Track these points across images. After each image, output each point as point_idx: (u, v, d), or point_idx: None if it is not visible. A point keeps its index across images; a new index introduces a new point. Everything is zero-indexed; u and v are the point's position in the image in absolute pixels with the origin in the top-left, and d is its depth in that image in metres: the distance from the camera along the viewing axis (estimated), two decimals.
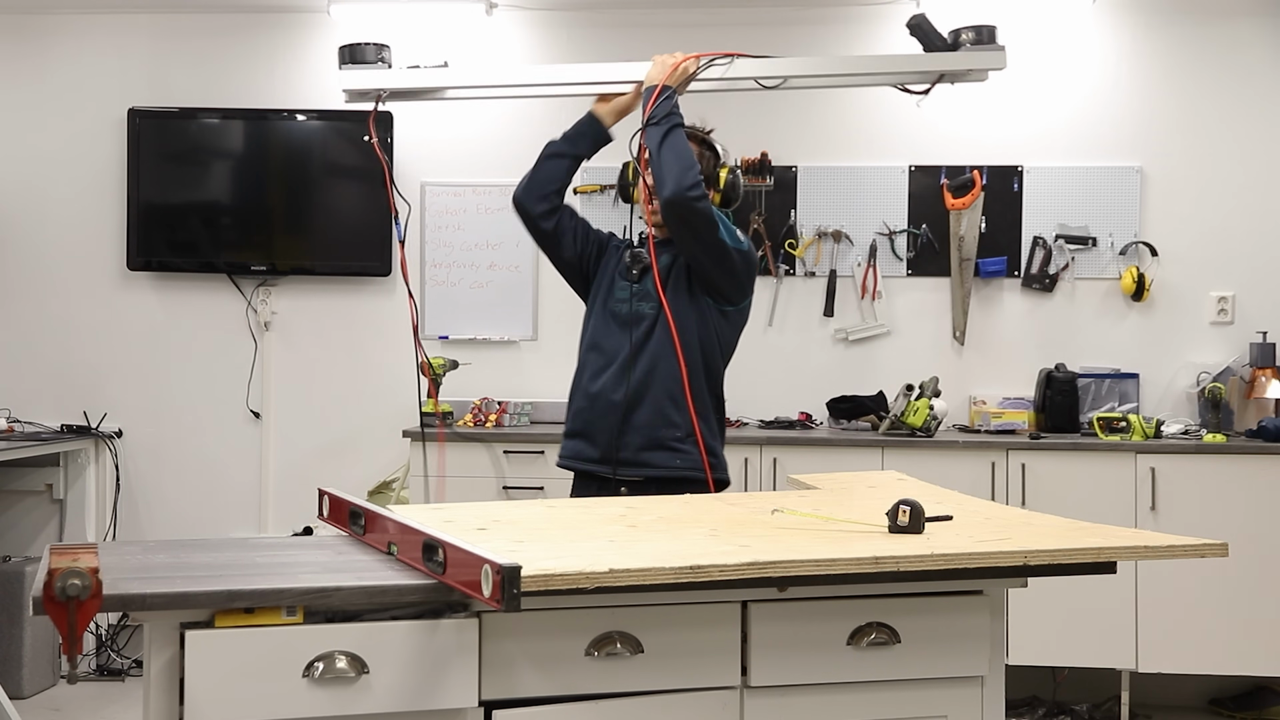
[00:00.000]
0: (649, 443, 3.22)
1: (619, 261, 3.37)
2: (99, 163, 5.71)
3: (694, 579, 2.03)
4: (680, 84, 3.21)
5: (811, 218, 5.48)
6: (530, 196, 3.38)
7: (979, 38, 3.21)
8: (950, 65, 3.21)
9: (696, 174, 3.13)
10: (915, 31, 3.23)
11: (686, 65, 3.21)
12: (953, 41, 3.22)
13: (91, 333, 5.74)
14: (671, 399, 3.22)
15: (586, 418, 3.29)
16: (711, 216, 3.16)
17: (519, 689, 2.11)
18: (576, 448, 3.34)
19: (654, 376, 3.22)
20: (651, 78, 3.23)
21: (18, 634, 5.10)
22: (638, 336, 3.25)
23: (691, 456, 3.23)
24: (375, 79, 3.27)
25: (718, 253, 3.20)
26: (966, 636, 2.32)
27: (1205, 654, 4.82)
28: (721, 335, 3.31)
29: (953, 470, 4.77)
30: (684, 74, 3.21)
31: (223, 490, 5.70)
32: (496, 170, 5.55)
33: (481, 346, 5.60)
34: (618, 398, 3.24)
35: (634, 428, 3.23)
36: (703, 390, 3.26)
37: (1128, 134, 5.42)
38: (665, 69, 3.21)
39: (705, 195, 3.14)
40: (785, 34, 5.46)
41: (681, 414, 3.22)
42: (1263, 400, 5.12)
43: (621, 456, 3.23)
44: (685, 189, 3.10)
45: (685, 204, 3.11)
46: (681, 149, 3.13)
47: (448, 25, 5.61)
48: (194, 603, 1.98)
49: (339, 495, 2.62)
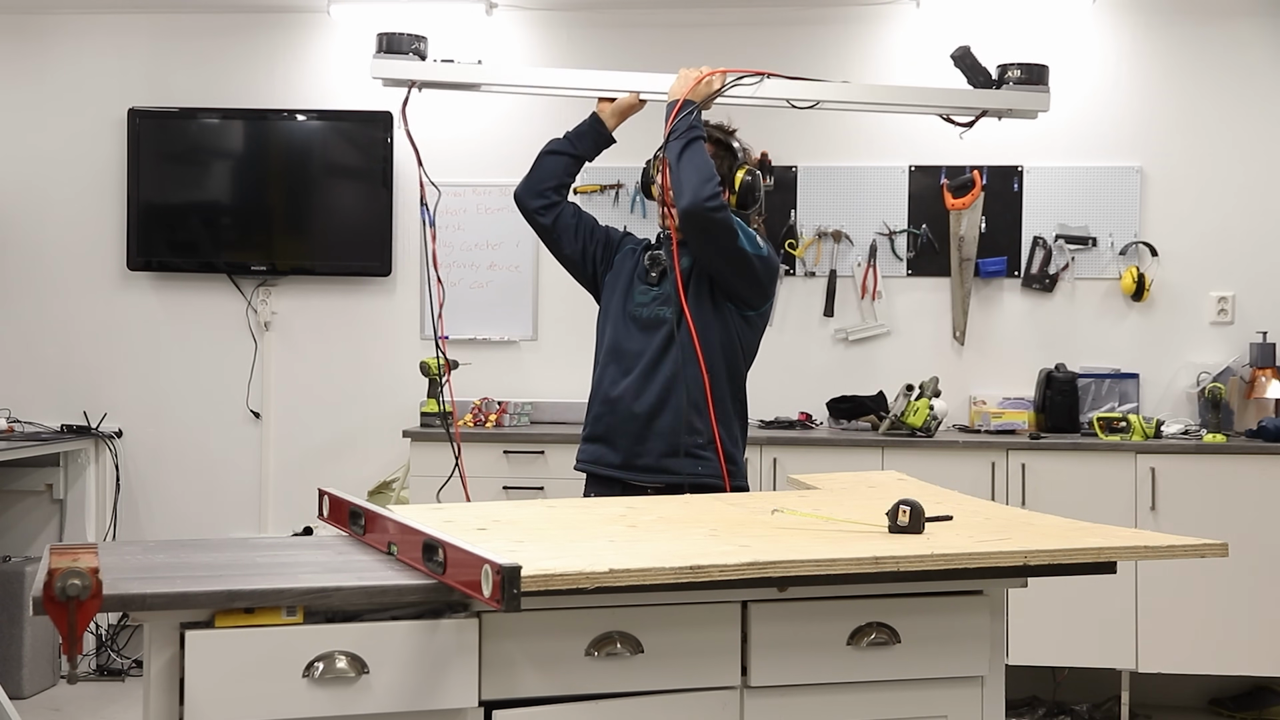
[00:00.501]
0: (671, 449, 3.19)
1: (637, 263, 3.33)
2: (99, 163, 5.71)
3: (694, 579, 2.03)
4: (704, 99, 3.18)
5: (811, 218, 5.48)
6: (528, 192, 3.39)
7: (1027, 76, 3.11)
8: (992, 103, 3.12)
9: (715, 185, 3.09)
10: (959, 64, 3.13)
11: (711, 80, 3.18)
12: (999, 76, 3.14)
13: (92, 333, 5.74)
14: (694, 405, 3.18)
15: (608, 423, 3.25)
16: (731, 225, 3.13)
17: (519, 689, 2.11)
18: (597, 452, 3.30)
19: (676, 382, 3.18)
20: (674, 91, 3.19)
21: (18, 634, 5.10)
22: (659, 341, 3.23)
23: (713, 464, 3.21)
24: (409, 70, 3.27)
25: (739, 261, 3.17)
26: (966, 636, 2.32)
27: (1205, 654, 4.82)
28: (744, 339, 3.28)
29: (953, 470, 4.77)
30: (708, 89, 3.18)
31: (223, 490, 5.70)
32: (497, 170, 5.55)
33: (481, 346, 5.60)
34: (640, 404, 3.21)
35: (656, 434, 3.20)
36: (725, 396, 3.23)
37: (1128, 134, 5.42)
38: (688, 83, 3.18)
39: (724, 206, 3.11)
40: (785, 34, 5.46)
41: (704, 420, 3.18)
42: (1263, 400, 5.12)
43: (643, 463, 3.21)
44: (703, 200, 3.07)
45: (703, 215, 3.08)
46: (700, 161, 3.10)
47: (448, 25, 5.60)
48: (194, 603, 1.98)
49: (339, 495, 2.62)
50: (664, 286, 3.25)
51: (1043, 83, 3.12)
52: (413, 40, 3.29)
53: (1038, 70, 3.13)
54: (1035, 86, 3.11)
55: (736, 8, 5.48)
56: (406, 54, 3.28)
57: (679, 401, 3.18)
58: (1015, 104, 3.13)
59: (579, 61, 5.53)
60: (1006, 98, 3.12)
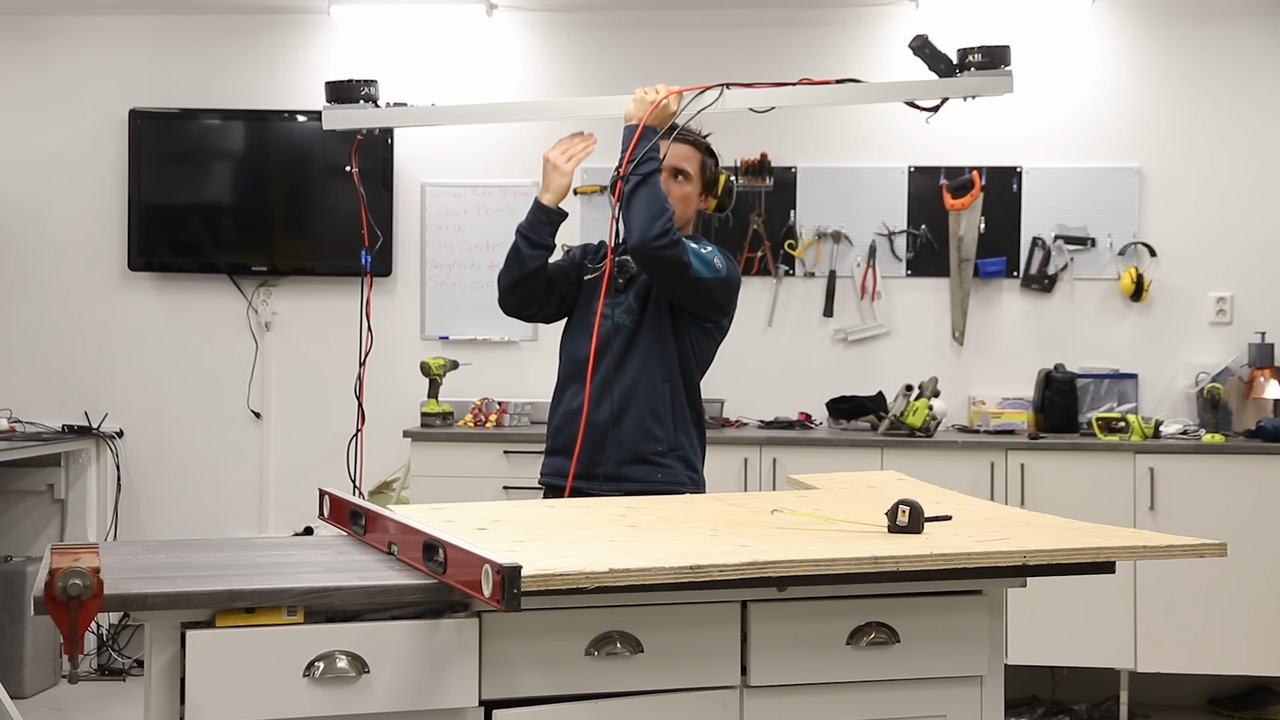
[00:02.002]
0: (631, 457, 3.18)
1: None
2: (100, 163, 5.72)
3: (694, 579, 2.03)
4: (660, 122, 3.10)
5: (811, 218, 5.49)
6: (514, 304, 3.32)
7: (988, 60, 3.09)
8: (954, 91, 3.10)
9: (664, 222, 3.04)
10: (919, 52, 3.13)
11: (667, 103, 3.08)
12: (960, 60, 3.13)
13: (92, 333, 5.74)
14: (654, 413, 3.19)
15: (568, 434, 3.22)
16: (681, 259, 3.08)
17: (519, 689, 2.12)
18: (558, 464, 3.25)
19: (636, 391, 3.18)
20: (630, 115, 3.11)
21: (19, 634, 5.11)
22: (621, 350, 3.21)
23: (672, 470, 3.20)
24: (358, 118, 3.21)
25: (692, 289, 3.15)
26: (965, 636, 2.32)
27: (1204, 653, 4.82)
28: (699, 349, 3.27)
29: (952, 470, 4.77)
30: (664, 111, 3.09)
31: (223, 490, 5.71)
32: (496, 170, 5.56)
33: (482, 347, 5.60)
34: (599, 413, 3.19)
35: (616, 443, 3.18)
36: (683, 404, 3.24)
37: (1127, 135, 5.42)
38: (644, 106, 3.08)
39: (674, 242, 3.05)
40: (785, 35, 5.47)
41: (664, 428, 3.19)
42: (1261, 400, 5.13)
43: (603, 472, 3.18)
44: (650, 239, 3.03)
45: (650, 253, 3.05)
46: (650, 198, 3.05)
47: (448, 26, 5.62)
48: (195, 602, 1.98)
49: (339, 495, 2.63)
50: (626, 295, 3.24)
51: (1004, 64, 3.11)
52: (363, 86, 3.20)
53: (998, 52, 3.10)
54: (996, 70, 3.11)
55: (736, 8, 5.49)
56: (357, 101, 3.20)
57: (639, 410, 3.18)
58: (979, 89, 3.10)
59: (579, 62, 5.54)
60: (968, 84, 3.11)
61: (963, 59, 3.09)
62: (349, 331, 5.70)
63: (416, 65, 5.54)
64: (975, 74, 3.09)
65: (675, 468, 3.22)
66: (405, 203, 5.59)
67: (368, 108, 3.21)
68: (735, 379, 5.39)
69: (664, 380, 3.20)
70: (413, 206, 5.61)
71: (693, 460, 3.27)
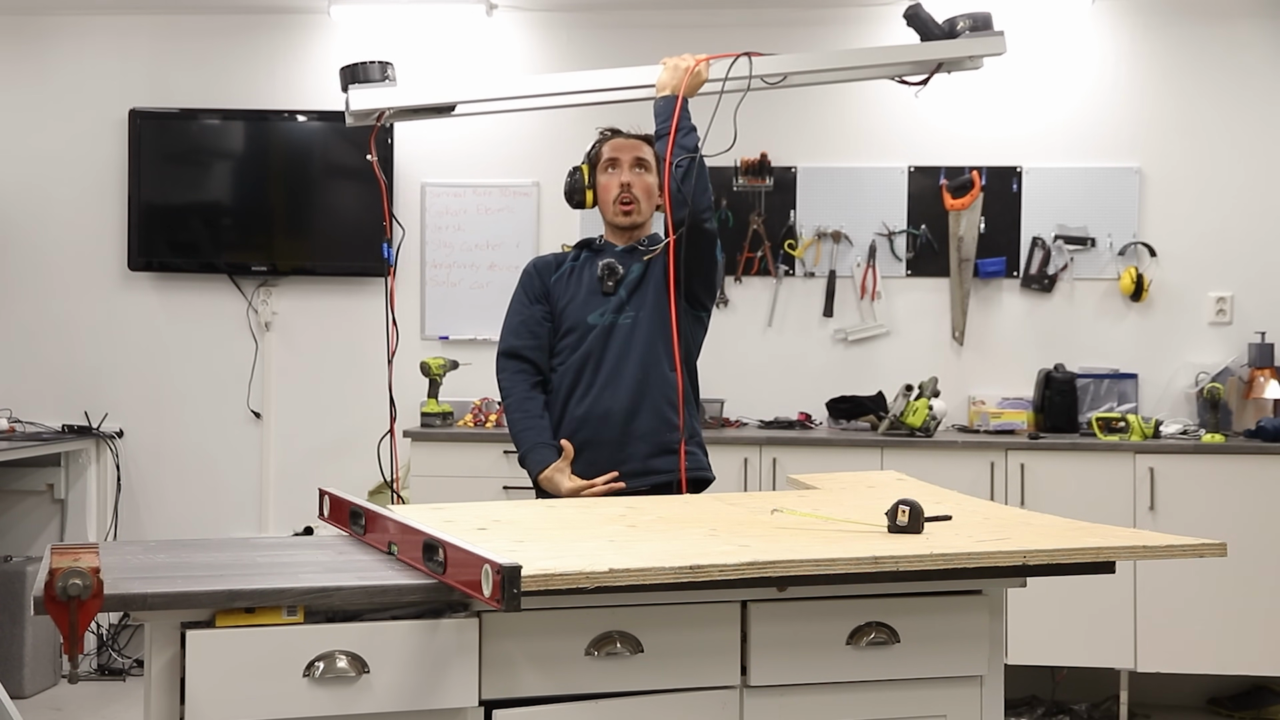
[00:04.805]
0: (655, 449, 3.22)
1: (590, 275, 3.34)
2: (100, 163, 5.72)
3: (694, 579, 2.03)
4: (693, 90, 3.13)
5: (811, 218, 5.49)
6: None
7: (975, 24, 3.18)
8: (948, 53, 3.17)
9: (710, 196, 3.19)
10: (912, 21, 3.20)
11: (699, 70, 3.11)
12: (949, 29, 3.19)
13: (92, 333, 5.74)
14: (669, 401, 3.23)
15: (585, 436, 3.25)
16: (715, 234, 3.23)
17: (519, 689, 2.12)
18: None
19: (648, 384, 3.22)
20: (663, 84, 3.13)
21: (19, 633, 5.11)
22: (621, 347, 3.25)
23: (695, 457, 3.25)
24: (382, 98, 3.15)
25: (709, 268, 3.25)
26: (965, 636, 2.32)
27: (1204, 653, 4.82)
28: (695, 336, 3.33)
29: (952, 470, 4.77)
30: (697, 79, 3.11)
31: (223, 490, 5.71)
32: (496, 170, 5.56)
33: (482, 347, 5.59)
34: (616, 410, 3.22)
35: (637, 437, 3.22)
36: (689, 391, 3.27)
37: (1127, 135, 5.43)
38: (679, 74, 3.10)
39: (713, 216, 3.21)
40: (785, 34, 5.46)
41: (678, 416, 3.22)
42: (1261, 400, 5.13)
43: (630, 468, 3.22)
44: (701, 210, 3.14)
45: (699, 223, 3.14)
46: (703, 168, 3.14)
47: (448, 26, 5.62)
48: (195, 602, 1.98)
49: (339, 495, 2.63)
50: (619, 294, 3.27)
51: (989, 28, 3.18)
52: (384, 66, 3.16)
53: (983, 17, 3.19)
54: (986, 32, 3.16)
55: (736, 8, 5.49)
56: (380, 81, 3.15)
57: (654, 401, 3.22)
58: (973, 50, 3.17)
59: (579, 62, 5.53)
60: (962, 46, 3.18)
61: (951, 26, 3.16)
62: (349, 331, 5.72)
63: (417, 65, 5.53)
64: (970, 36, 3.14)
65: (697, 454, 3.27)
66: (405, 202, 5.59)
67: (393, 87, 3.15)
68: (735, 379, 5.40)
69: (671, 369, 3.23)
70: (413, 206, 5.61)
71: (705, 448, 3.33)
